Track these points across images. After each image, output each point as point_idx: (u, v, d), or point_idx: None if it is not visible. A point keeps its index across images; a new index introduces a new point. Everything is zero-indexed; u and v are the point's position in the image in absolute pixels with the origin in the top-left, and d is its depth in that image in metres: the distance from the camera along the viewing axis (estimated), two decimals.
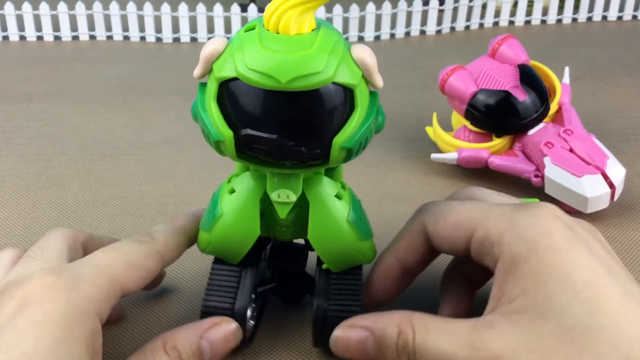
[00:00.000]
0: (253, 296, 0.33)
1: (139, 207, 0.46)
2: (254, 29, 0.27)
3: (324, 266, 0.32)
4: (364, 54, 0.27)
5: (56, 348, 0.26)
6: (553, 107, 0.49)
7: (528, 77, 0.48)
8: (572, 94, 0.52)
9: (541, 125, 0.47)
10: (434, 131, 0.51)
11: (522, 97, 0.46)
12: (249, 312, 0.32)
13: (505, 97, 0.47)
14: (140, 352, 0.29)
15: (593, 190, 0.42)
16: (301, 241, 0.34)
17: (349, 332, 0.29)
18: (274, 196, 0.29)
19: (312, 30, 0.27)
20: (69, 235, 0.33)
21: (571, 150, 0.45)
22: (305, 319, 0.35)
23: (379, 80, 0.27)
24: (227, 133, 0.27)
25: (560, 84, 0.50)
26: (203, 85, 0.28)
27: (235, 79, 0.26)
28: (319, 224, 0.30)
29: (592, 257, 0.26)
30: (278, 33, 0.26)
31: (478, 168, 0.48)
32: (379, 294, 0.33)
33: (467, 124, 0.49)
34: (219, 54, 0.27)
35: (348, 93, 0.27)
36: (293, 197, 0.29)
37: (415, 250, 0.32)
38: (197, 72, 0.28)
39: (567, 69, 0.53)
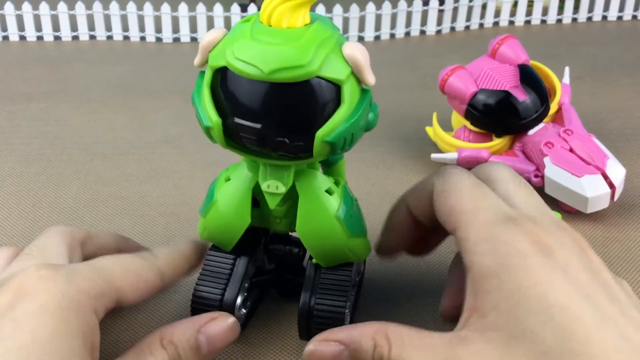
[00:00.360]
0: (247, 285, 0.33)
1: (139, 207, 0.46)
2: (250, 20, 0.28)
3: (314, 260, 0.32)
4: (355, 50, 0.27)
5: (53, 340, 0.25)
6: (553, 107, 0.49)
7: (528, 77, 0.48)
8: (572, 94, 0.52)
9: (541, 125, 0.47)
10: (434, 131, 0.51)
11: (522, 97, 0.46)
12: (239, 300, 0.33)
13: (505, 97, 0.47)
14: (137, 347, 0.29)
15: (593, 190, 0.42)
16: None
17: (322, 346, 0.29)
18: (264, 186, 0.30)
19: (305, 24, 0.27)
20: (67, 234, 0.32)
21: (571, 150, 0.45)
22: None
23: (370, 78, 0.27)
24: (215, 120, 0.27)
25: (561, 84, 0.50)
26: (202, 73, 0.29)
27: (226, 67, 0.27)
28: (307, 217, 0.31)
29: (568, 282, 0.26)
30: (270, 26, 0.27)
31: None
32: (391, 239, 0.34)
33: (467, 124, 0.49)
34: (215, 44, 0.28)
35: (334, 88, 0.27)
36: (282, 189, 0.30)
37: (424, 207, 0.32)
38: (196, 60, 0.29)
39: (567, 69, 0.53)
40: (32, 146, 0.53)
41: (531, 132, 0.47)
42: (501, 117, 0.47)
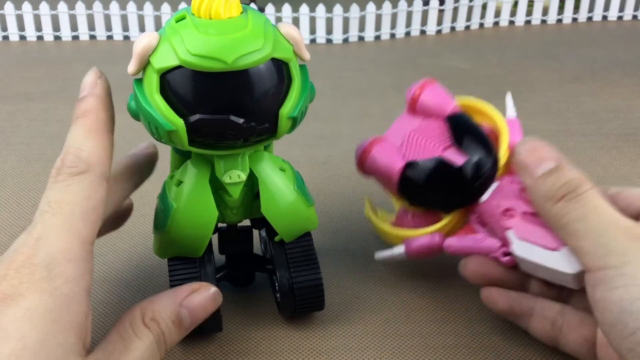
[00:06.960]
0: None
1: (139, 207, 0.45)
2: (184, 18, 0.28)
3: (277, 238, 0.34)
4: (292, 29, 0.29)
5: (45, 343, 0.24)
6: (503, 157, 0.35)
7: (461, 130, 0.35)
8: (572, 94, 0.51)
9: (494, 184, 0.35)
10: (372, 221, 0.40)
11: (460, 159, 0.34)
12: None
13: (440, 165, 0.35)
14: (119, 326, 0.28)
15: (576, 263, 0.31)
16: (246, 222, 0.35)
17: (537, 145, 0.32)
18: (225, 178, 0.30)
19: (241, 13, 0.28)
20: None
21: (537, 214, 0.33)
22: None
23: (307, 54, 0.30)
24: (178, 122, 0.28)
25: (505, 120, 0.37)
26: (139, 80, 0.29)
27: (177, 67, 0.27)
28: (272, 197, 0.32)
29: None
30: (211, 19, 0.28)
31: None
32: None
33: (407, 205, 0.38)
34: (154, 48, 0.28)
35: (284, 67, 0.28)
36: (243, 176, 0.30)
37: None
38: (132, 68, 0.28)
39: (508, 97, 0.39)
40: (32, 146, 0.53)
41: (484, 197, 0.35)
42: (441, 190, 0.35)
